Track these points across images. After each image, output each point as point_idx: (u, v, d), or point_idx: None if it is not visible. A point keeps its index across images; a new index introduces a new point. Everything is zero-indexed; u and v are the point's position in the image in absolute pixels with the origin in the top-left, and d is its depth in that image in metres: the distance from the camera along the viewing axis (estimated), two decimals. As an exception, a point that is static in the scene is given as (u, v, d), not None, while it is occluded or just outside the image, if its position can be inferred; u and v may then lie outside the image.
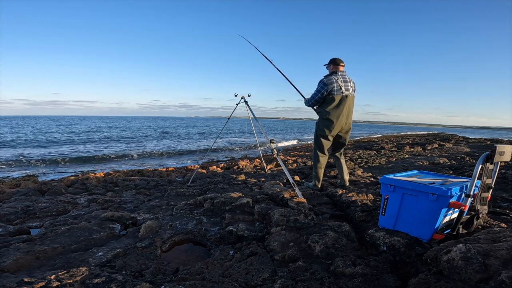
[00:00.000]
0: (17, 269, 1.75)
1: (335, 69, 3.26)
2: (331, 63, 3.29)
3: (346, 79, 3.24)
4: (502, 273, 1.23)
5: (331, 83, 3.16)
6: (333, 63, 3.26)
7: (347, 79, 3.25)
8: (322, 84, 3.20)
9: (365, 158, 8.06)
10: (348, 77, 3.27)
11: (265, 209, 2.55)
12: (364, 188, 3.74)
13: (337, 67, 3.25)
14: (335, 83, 3.15)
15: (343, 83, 3.19)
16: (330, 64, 3.29)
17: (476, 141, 16.64)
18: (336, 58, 3.27)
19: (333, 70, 3.27)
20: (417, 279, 1.44)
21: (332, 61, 3.27)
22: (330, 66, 3.30)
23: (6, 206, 3.37)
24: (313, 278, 1.59)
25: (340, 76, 3.20)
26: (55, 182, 6.06)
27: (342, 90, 3.17)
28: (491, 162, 1.87)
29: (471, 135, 30.11)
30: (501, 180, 4.04)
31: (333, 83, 3.15)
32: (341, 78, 3.20)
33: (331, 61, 3.28)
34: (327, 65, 3.34)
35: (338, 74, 3.22)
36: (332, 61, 3.27)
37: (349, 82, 3.25)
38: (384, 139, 20.12)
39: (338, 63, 3.24)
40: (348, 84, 3.23)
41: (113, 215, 2.65)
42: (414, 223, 1.94)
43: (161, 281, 1.66)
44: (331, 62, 3.28)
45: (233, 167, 7.66)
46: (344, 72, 3.27)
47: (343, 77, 3.21)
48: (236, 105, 4.53)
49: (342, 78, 3.20)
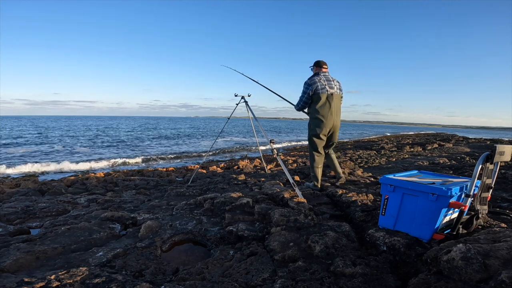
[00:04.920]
0: (17, 269, 1.75)
1: (318, 70, 3.46)
2: (315, 65, 3.49)
3: (329, 78, 3.41)
4: (502, 273, 1.22)
5: (314, 82, 3.33)
6: (316, 65, 3.47)
7: (330, 78, 3.42)
8: (306, 85, 3.38)
9: (365, 158, 8.06)
10: (331, 77, 3.45)
11: (265, 209, 2.55)
12: (364, 188, 3.74)
13: (320, 69, 3.45)
14: (318, 82, 3.32)
15: (326, 82, 3.36)
16: (314, 66, 3.49)
17: (476, 141, 16.65)
18: (320, 60, 3.48)
19: (316, 71, 3.47)
20: (417, 279, 1.44)
21: (316, 63, 3.48)
22: (314, 68, 3.50)
23: (6, 206, 3.37)
24: (313, 278, 1.59)
25: (323, 76, 3.39)
26: (55, 182, 6.06)
27: (327, 88, 3.33)
28: (491, 162, 1.87)
29: (471, 135, 30.10)
30: (501, 180, 4.04)
31: (316, 82, 3.32)
32: (324, 77, 3.38)
33: (315, 63, 3.49)
34: (312, 67, 3.53)
35: (321, 74, 3.40)
36: (316, 63, 3.48)
37: (333, 81, 3.41)
38: (384, 139, 20.12)
39: (321, 65, 3.45)
40: (331, 82, 3.39)
41: (113, 215, 2.65)
42: (414, 223, 1.94)
43: (161, 281, 1.66)
44: (315, 64, 3.48)
45: (233, 167, 7.66)
46: (327, 73, 3.47)
47: (326, 77, 3.40)
48: (236, 105, 4.53)
49: (324, 77, 3.38)
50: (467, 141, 16.40)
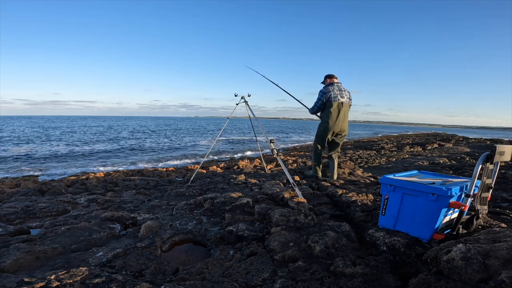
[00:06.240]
0: (17, 269, 1.75)
1: (331, 81, 3.98)
2: (326, 78, 4.04)
3: (341, 88, 3.94)
4: (502, 273, 1.23)
5: (328, 91, 3.87)
6: (328, 77, 4.03)
7: (342, 88, 3.95)
8: (321, 93, 3.94)
9: (365, 158, 8.06)
10: (343, 87, 3.97)
11: (265, 209, 2.55)
12: (364, 188, 3.74)
13: (332, 80, 3.99)
14: (331, 91, 3.86)
15: (339, 92, 3.89)
16: (326, 79, 4.05)
17: (476, 141, 16.64)
18: (330, 74, 4.03)
19: (329, 82, 3.99)
20: (417, 279, 1.44)
21: (327, 76, 4.03)
22: (326, 80, 4.04)
23: (6, 206, 3.37)
24: (313, 278, 1.59)
25: (336, 86, 3.91)
26: (55, 182, 6.06)
27: (338, 98, 3.86)
28: (491, 162, 1.87)
29: (471, 135, 30.09)
30: (501, 180, 4.04)
31: (330, 91, 3.86)
32: (337, 87, 3.91)
33: (326, 76, 4.04)
34: (323, 81, 4.07)
35: (334, 85, 3.93)
36: (327, 76, 4.03)
37: (344, 91, 3.94)
38: (384, 139, 20.12)
39: (332, 77, 4.01)
40: (343, 92, 3.92)
41: (113, 215, 2.65)
42: (414, 223, 1.94)
43: (161, 281, 1.66)
44: (327, 77, 4.04)
45: (233, 167, 7.66)
46: (340, 83, 3.99)
47: (339, 87, 3.92)
48: (236, 105, 4.53)
49: (337, 87, 3.91)
50: (467, 141, 16.40)
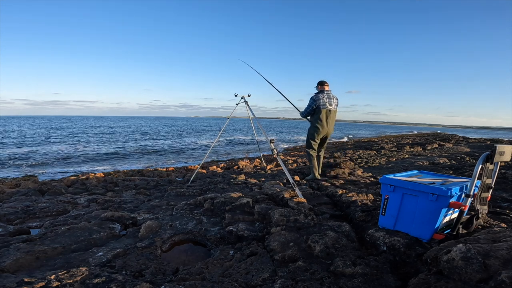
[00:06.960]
0: (17, 269, 1.75)
1: (321, 89, 4.29)
2: (318, 84, 4.36)
3: (330, 96, 4.26)
4: (502, 273, 1.22)
5: (318, 99, 4.18)
6: (320, 84, 4.34)
7: (331, 96, 4.27)
8: (312, 100, 4.26)
9: (365, 158, 8.06)
10: (332, 95, 4.29)
11: (265, 209, 2.55)
12: (364, 188, 3.74)
13: (323, 87, 4.29)
14: (321, 99, 4.18)
15: (327, 100, 4.22)
16: (318, 85, 4.36)
17: (476, 141, 16.64)
18: (322, 80, 4.34)
19: (320, 89, 4.30)
20: (417, 279, 1.44)
21: (320, 83, 4.35)
22: (318, 86, 4.35)
23: (6, 206, 3.37)
24: (313, 278, 1.59)
25: (326, 94, 4.23)
26: (55, 182, 6.06)
27: (327, 105, 4.21)
28: (491, 162, 1.87)
29: (471, 135, 30.09)
30: (501, 180, 4.03)
31: (320, 99, 4.18)
32: (326, 95, 4.23)
33: (319, 83, 4.36)
34: (316, 86, 4.38)
35: (324, 92, 4.24)
36: (320, 83, 4.35)
37: (333, 99, 4.27)
38: (384, 139, 20.12)
39: (323, 84, 4.31)
40: (331, 100, 4.25)
41: (113, 215, 2.65)
42: (414, 223, 1.94)
43: (161, 281, 1.66)
44: (319, 84, 4.35)
45: (233, 167, 7.66)
46: (329, 91, 4.30)
47: (328, 95, 4.24)
48: (236, 105, 4.53)
49: (327, 95, 4.23)
50: (467, 141, 16.40)
